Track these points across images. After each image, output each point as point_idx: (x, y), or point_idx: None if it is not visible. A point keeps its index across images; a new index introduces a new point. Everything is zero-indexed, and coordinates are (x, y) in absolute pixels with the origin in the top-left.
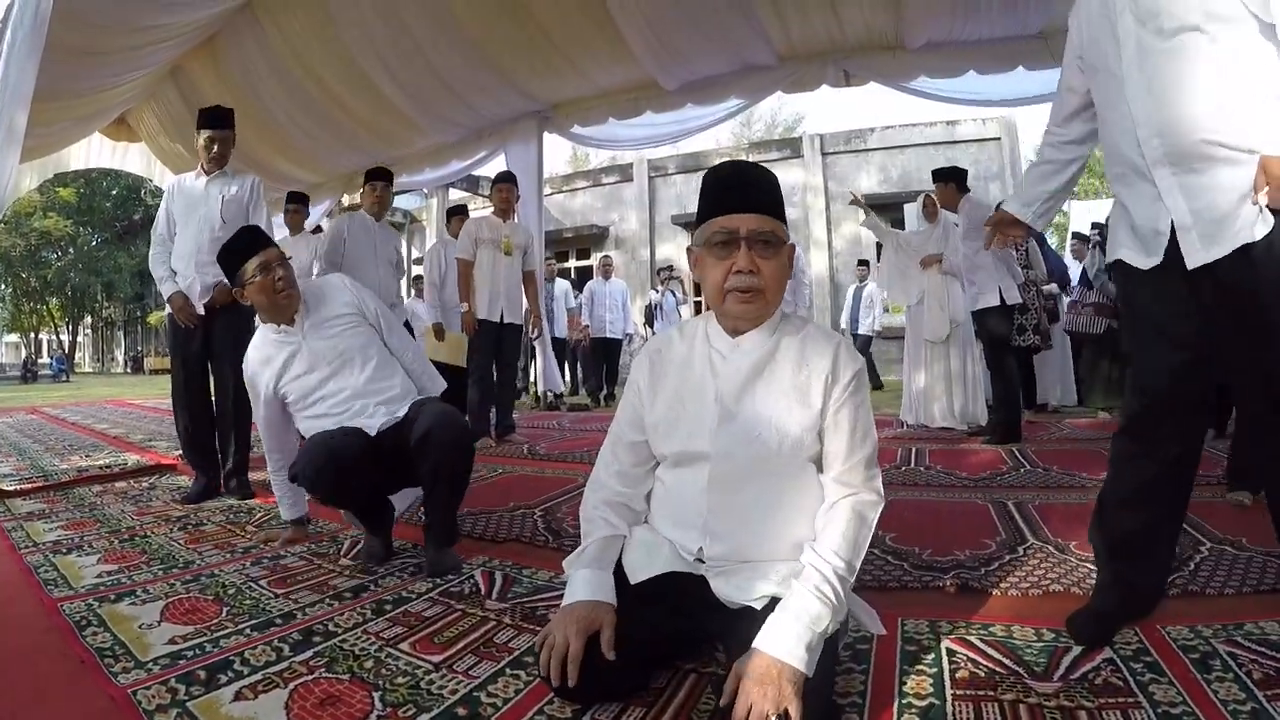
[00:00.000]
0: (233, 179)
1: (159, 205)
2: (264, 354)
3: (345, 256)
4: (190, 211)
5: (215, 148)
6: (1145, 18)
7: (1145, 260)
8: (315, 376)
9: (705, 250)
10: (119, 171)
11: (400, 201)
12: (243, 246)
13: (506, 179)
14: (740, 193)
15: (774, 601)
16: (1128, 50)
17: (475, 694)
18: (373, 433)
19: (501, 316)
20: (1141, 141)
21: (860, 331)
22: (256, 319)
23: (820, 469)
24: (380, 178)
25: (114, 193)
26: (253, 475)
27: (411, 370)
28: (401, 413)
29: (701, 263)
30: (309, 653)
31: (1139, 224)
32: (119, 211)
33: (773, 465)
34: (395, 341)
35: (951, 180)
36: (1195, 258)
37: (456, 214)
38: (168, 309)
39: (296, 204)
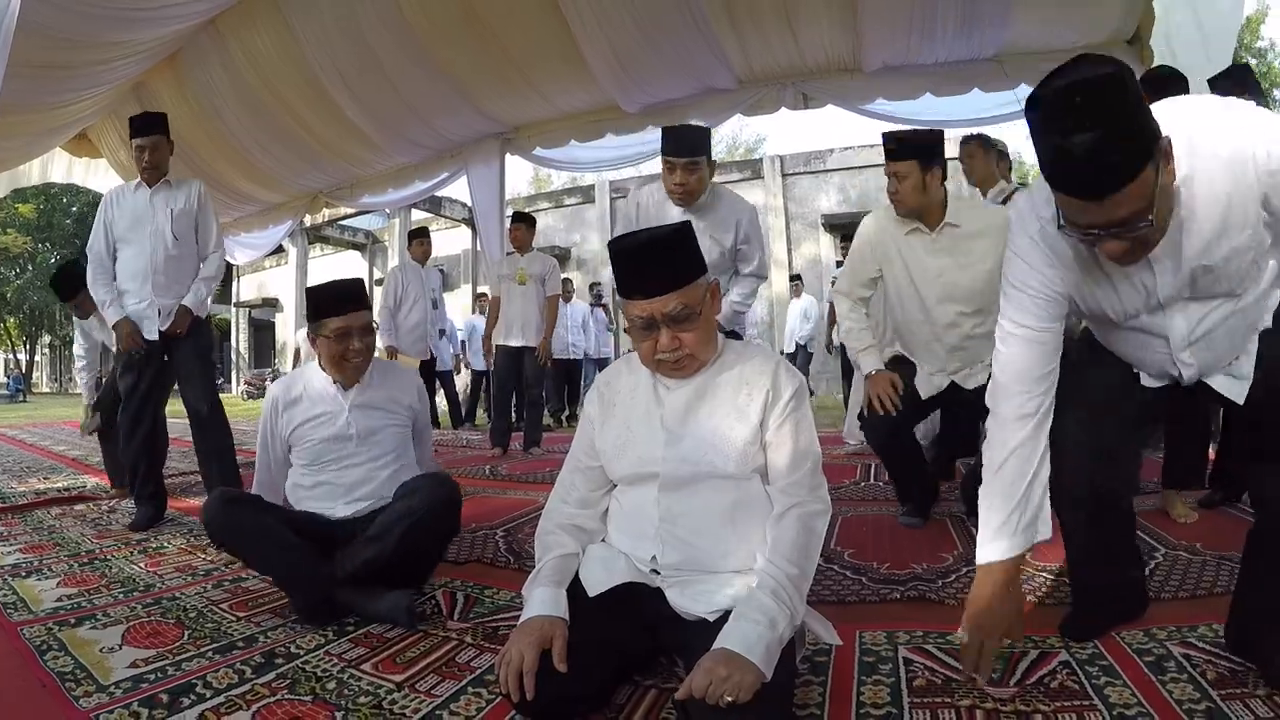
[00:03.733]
0: (177, 189)
1: None
2: (301, 393)
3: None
4: (136, 227)
5: (147, 156)
6: None
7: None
8: (327, 455)
9: (629, 322)
10: (79, 187)
11: (362, 222)
12: (336, 298)
13: (522, 219)
14: (646, 276)
15: (728, 614)
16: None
17: (438, 712)
18: (334, 516)
19: (520, 342)
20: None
21: (797, 344)
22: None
23: (766, 482)
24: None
25: (74, 209)
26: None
27: (422, 464)
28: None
29: (629, 329)
30: (271, 675)
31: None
32: (79, 228)
33: (720, 478)
34: (420, 447)
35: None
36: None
37: (417, 236)
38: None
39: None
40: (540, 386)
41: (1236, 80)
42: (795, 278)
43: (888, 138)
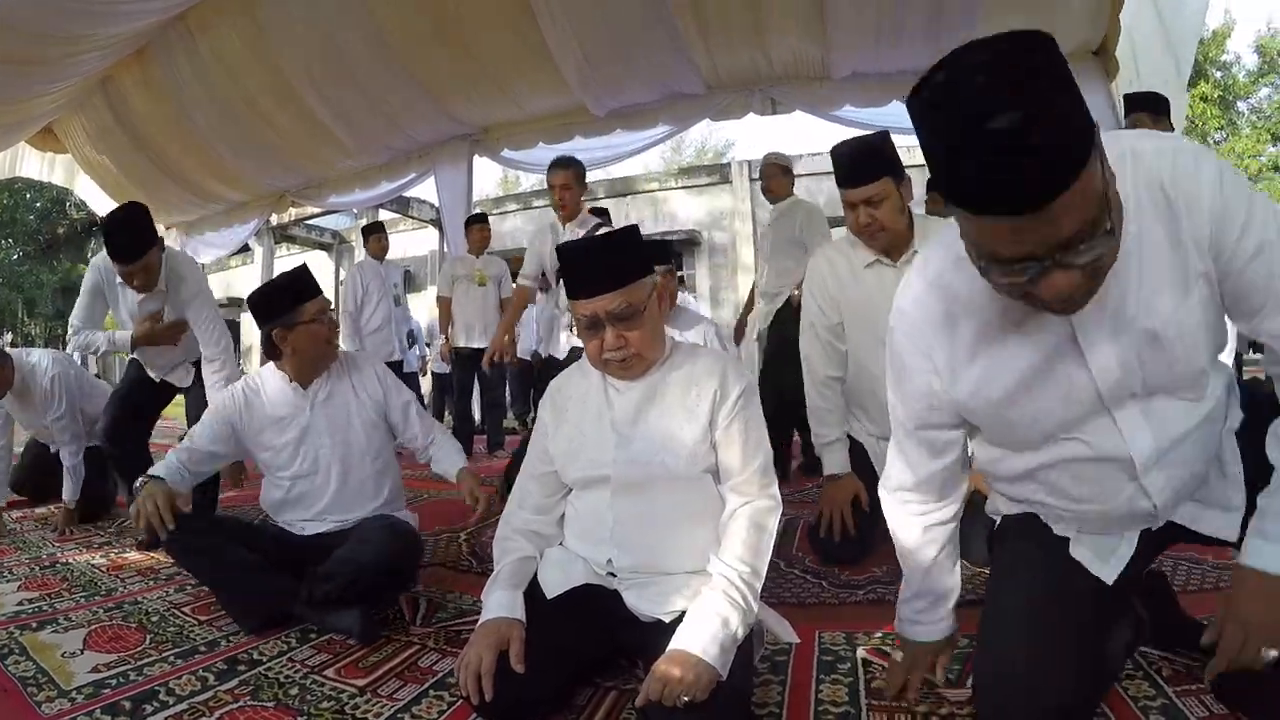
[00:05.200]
0: (171, 292)
1: (89, 270)
2: (259, 399)
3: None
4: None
5: (138, 280)
6: None
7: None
8: (295, 460)
9: (578, 328)
10: (43, 183)
11: (329, 222)
12: (299, 286)
13: (480, 220)
14: (590, 276)
15: (685, 615)
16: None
17: (399, 716)
18: (303, 533)
19: (481, 344)
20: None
21: None
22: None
23: (718, 481)
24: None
25: (38, 205)
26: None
27: (437, 453)
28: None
29: (577, 329)
30: (234, 681)
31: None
32: (42, 225)
33: (671, 479)
34: (419, 432)
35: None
36: None
37: (374, 232)
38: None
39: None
40: (501, 388)
41: (1150, 106)
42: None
43: (845, 157)
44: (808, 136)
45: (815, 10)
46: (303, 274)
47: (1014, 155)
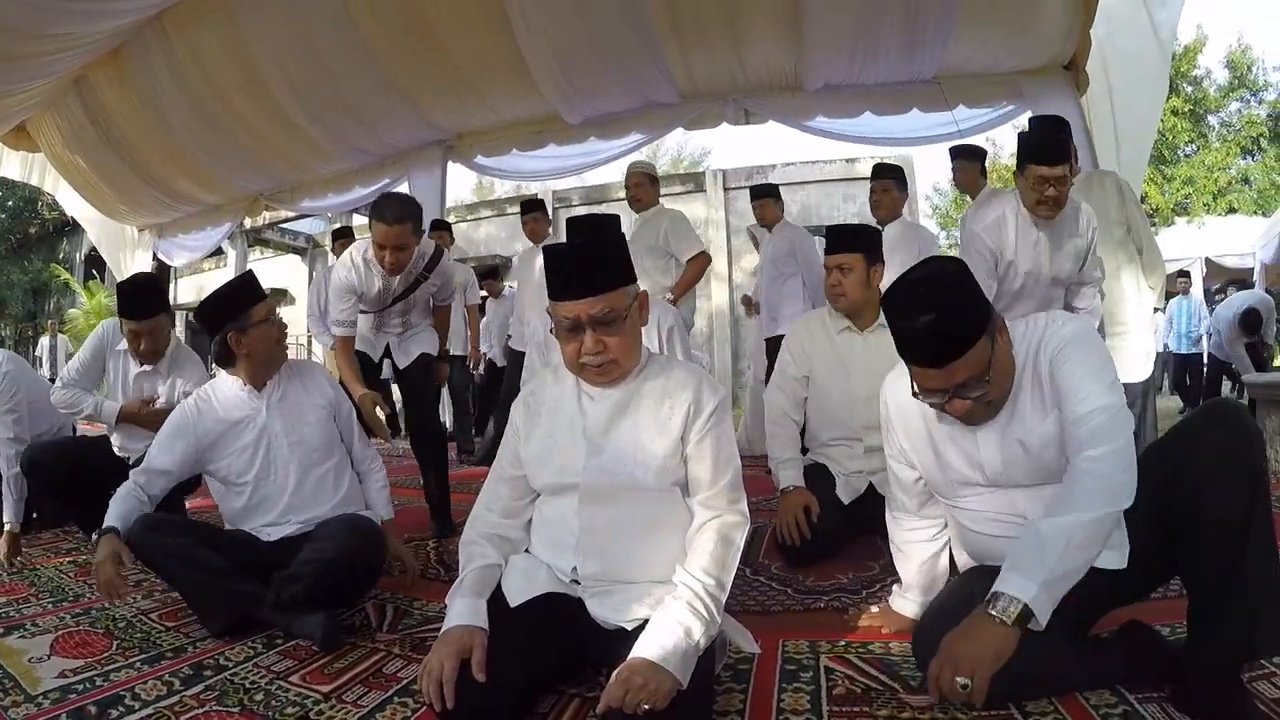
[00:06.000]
0: (177, 369)
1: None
2: (210, 405)
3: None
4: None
5: (144, 343)
6: None
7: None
8: (254, 464)
9: (558, 331)
10: (14, 182)
11: (303, 226)
12: (247, 290)
13: (441, 226)
14: (575, 279)
15: (648, 624)
16: None
17: None
18: (268, 539)
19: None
20: None
21: None
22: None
23: (687, 494)
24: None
25: (9, 204)
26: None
27: (367, 483)
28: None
29: (556, 332)
30: (200, 686)
31: None
32: (13, 224)
33: (639, 491)
34: (358, 449)
35: (975, 159)
36: None
37: (341, 237)
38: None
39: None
40: (466, 394)
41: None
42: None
43: (834, 230)
44: (782, 146)
45: (792, 22)
46: (249, 279)
47: (931, 337)
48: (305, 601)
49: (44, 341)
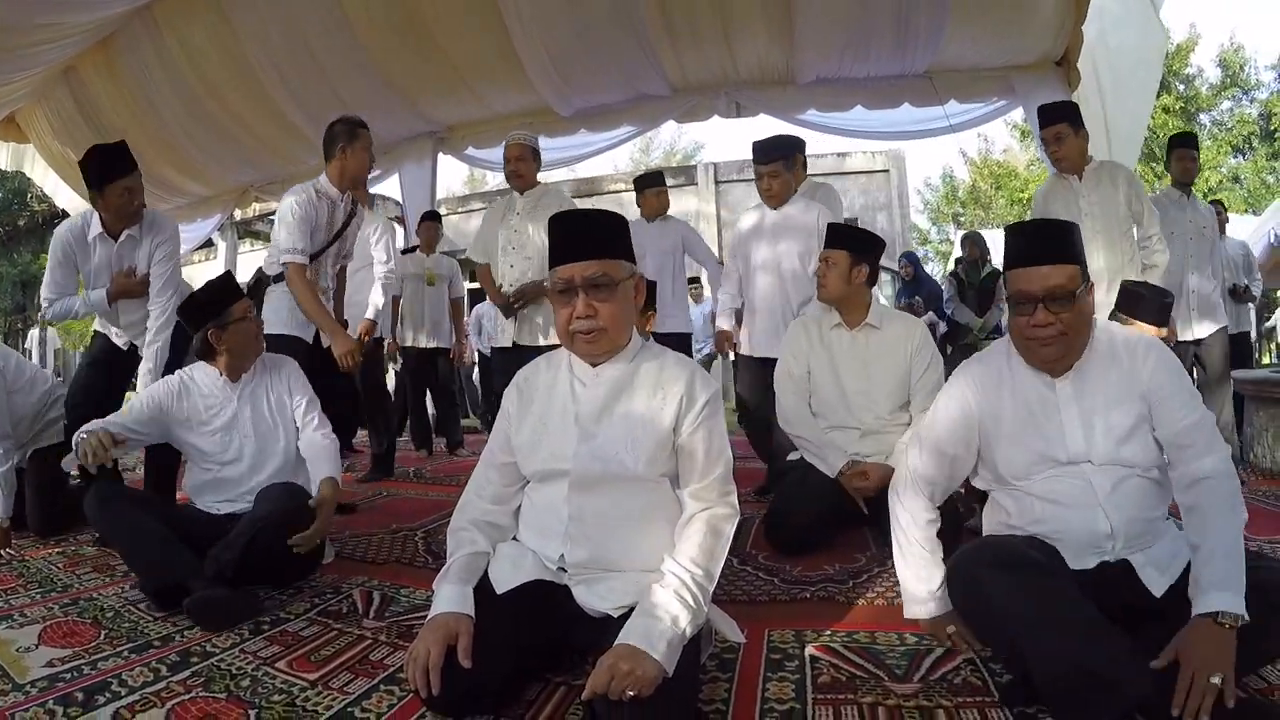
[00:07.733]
0: (149, 230)
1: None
2: (191, 386)
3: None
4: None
5: (137, 198)
6: None
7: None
8: (221, 447)
9: (552, 296)
10: (3, 173)
11: None
12: (226, 290)
13: (432, 217)
14: (572, 242)
15: (634, 611)
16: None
17: (349, 709)
18: (217, 513)
19: (433, 343)
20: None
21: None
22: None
23: (676, 485)
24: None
25: None
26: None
27: (311, 437)
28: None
29: (551, 299)
30: (186, 673)
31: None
32: (2, 216)
33: (629, 480)
34: (305, 440)
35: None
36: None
37: None
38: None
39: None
40: (453, 386)
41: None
42: (693, 280)
43: (832, 227)
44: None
45: (784, 15)
46: (228, 279)
47: (1044, 237)
48: (240, 569)
49: (33, 334)
